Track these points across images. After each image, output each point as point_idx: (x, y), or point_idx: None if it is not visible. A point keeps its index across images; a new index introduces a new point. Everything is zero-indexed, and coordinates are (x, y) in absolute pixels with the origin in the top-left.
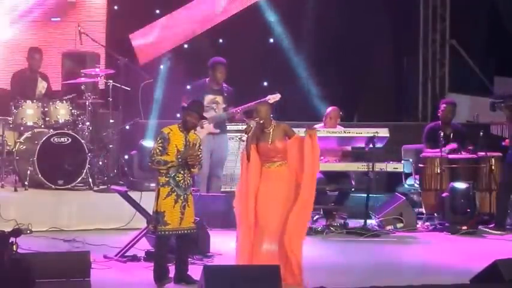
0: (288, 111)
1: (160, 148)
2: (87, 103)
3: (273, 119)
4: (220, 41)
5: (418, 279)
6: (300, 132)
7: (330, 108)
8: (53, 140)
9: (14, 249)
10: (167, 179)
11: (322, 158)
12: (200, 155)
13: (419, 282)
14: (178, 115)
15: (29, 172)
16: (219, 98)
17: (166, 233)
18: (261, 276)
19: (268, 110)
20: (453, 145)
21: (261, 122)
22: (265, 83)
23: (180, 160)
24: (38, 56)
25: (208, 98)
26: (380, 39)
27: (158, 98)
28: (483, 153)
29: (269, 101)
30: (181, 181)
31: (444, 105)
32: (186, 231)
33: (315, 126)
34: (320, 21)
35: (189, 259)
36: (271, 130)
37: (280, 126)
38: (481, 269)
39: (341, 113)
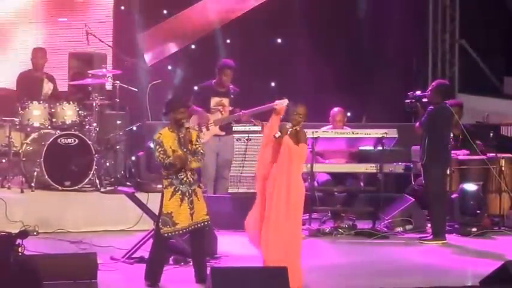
0: None
1: (162, 153)
2: (94, 104)
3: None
4: (228, 41)
5: (427, 281)
6: (308, 132)
7: (336, 110)
8: (60, 141)
9: (21, 250)
10: (170, 179)
11: (326, 160)
12: (198, 147)
13: (428, 284)
14: None
15: (35, 173)
16: (225, 100)
17: (175, 233)
18: (268, 278)
19: (306, 111)
20: (464, 151)
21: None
22: (273, 84)
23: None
24: (41, 55)
25: (215, 100)
26: (389, 40)
27: (165, 99)
28: (493, 154)
29: (275, 107)
30: (185, 178)
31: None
32: (199, 225)
33: (323, 128)
34: (328, 21)
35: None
36: (290, 130)
37: (301, 131)
38: (491, 270)
39: (349, 113)
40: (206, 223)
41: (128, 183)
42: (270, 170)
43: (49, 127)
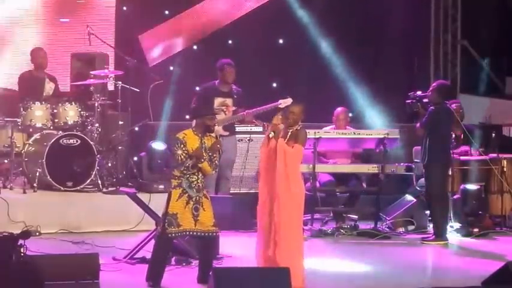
0: None
1: (185, 153)
2: (96, 104)
3: (301, 122)
4: (230, 42)
5: (429, 282)
6: (310, 133)
7: (339, 109)
8: (62, 141)
9: (23, 251)
10: (180, 180)
11: (329, 160)
12: (215, 158)
13: (430, 285)
14: (187, 116)
15: (37, 174)
16: (229, 101)
17: (178, 234)
18: (270, 279)
19: (302, 112)
20: (466, 148)
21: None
22: (275, 84)
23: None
24: (42, 54)
25: (218, 100)
26: (390, 40)
27: (167, 99)
28: (495, 155)
29: (280, 106)
30: (195, 182)
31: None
32: (205, 234)
33: (325, 128)
34: (329, 21)
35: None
36: (291, 131)
37: (300, 131)
38: (493, 271)
39: (350, 114)
40: (213, 234)
41: (130, 184)
42: (266, 171)
43: (51, 128)
